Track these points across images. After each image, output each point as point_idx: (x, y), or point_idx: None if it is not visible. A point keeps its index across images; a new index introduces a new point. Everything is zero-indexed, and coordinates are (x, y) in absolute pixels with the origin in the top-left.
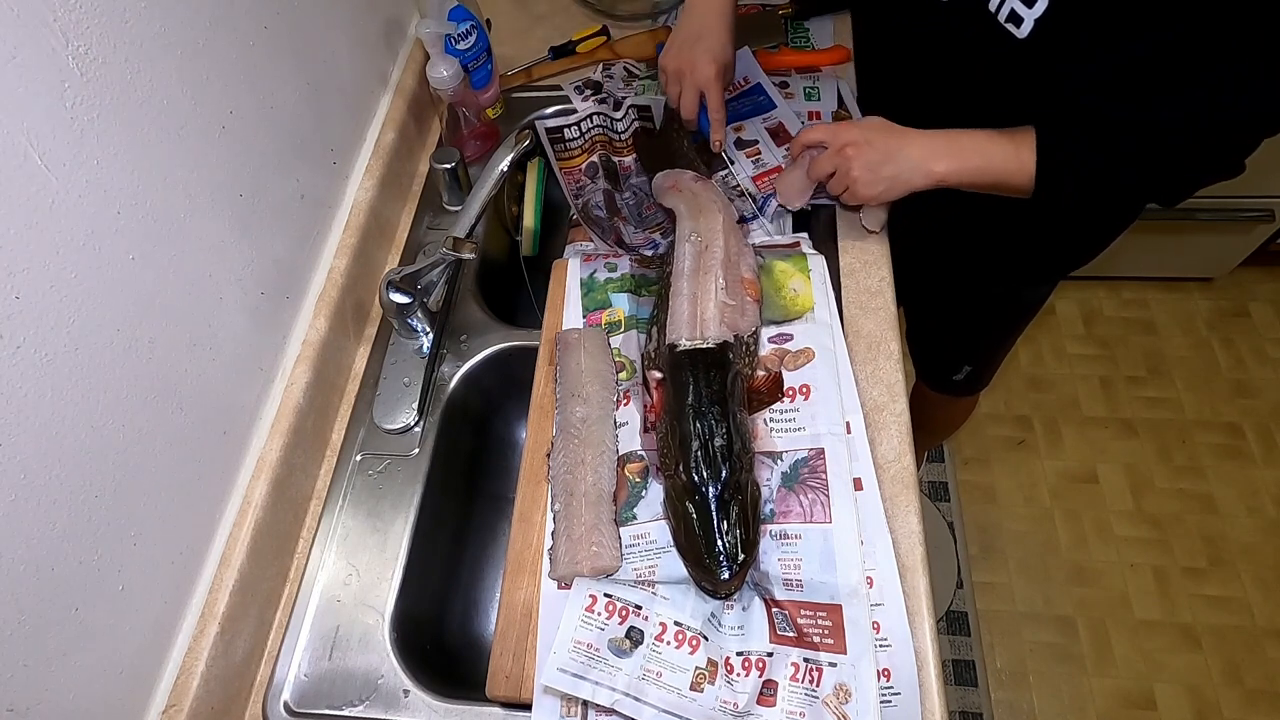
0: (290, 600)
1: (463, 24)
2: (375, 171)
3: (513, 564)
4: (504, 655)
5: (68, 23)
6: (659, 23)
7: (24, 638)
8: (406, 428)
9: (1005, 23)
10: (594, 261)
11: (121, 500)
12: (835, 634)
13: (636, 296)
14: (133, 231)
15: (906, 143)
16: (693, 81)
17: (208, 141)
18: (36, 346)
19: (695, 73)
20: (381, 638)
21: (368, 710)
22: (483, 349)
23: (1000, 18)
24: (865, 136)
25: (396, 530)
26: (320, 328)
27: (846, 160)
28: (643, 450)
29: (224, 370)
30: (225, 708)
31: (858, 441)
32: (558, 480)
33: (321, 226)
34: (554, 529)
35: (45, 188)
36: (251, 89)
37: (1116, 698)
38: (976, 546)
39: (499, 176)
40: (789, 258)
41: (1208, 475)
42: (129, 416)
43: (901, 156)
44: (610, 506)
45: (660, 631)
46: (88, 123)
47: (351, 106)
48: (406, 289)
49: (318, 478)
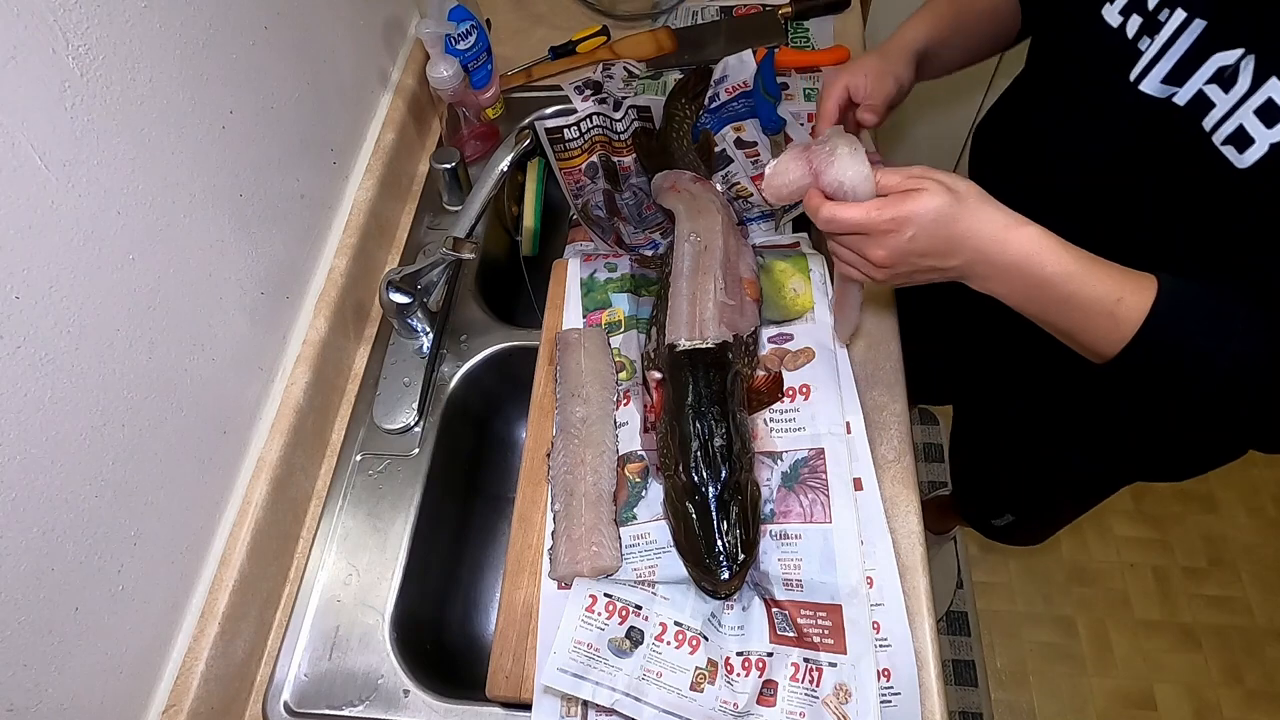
0: (290, 600)
1: (463, 24)
2: (375, 171)
3: (513, 564)
4: (504, 655)
5: (68, 23)
6: (659, 23)
7: (24, 638)
8: (406, 428)
9: (1223, 144)
10: (594, 261)
11: (121, 500)
12: (835, 634)
13: (636, 296)
14: (133, 231)
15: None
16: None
17: (208, 141)
18: (36, 346)
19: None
20: (381, 638)
21: (368, 710)
22: (483, 349)
23: (1216, 138)
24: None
25: (396, 530)
26: (320, 327)
27: (885, 236)
28: (643, 450)
29: (224, 370)
30: (225, 708)
31: (858, 441)
32: (558, 480)
33: (321, 226)
34: (554, 529)
35: (45, 188)
36: (251, 89)
37: (1116, 698)
38: (976, 546)
39: (499, 176)
40: (789, 258)
41: (1208, 475)
42: (129, 416)
43: (958, 252)
44: (610, 506)
45: (660, 631)
46: (88, 123)
47: (351, 106)
48: (406, 289)
49: (318, 478)
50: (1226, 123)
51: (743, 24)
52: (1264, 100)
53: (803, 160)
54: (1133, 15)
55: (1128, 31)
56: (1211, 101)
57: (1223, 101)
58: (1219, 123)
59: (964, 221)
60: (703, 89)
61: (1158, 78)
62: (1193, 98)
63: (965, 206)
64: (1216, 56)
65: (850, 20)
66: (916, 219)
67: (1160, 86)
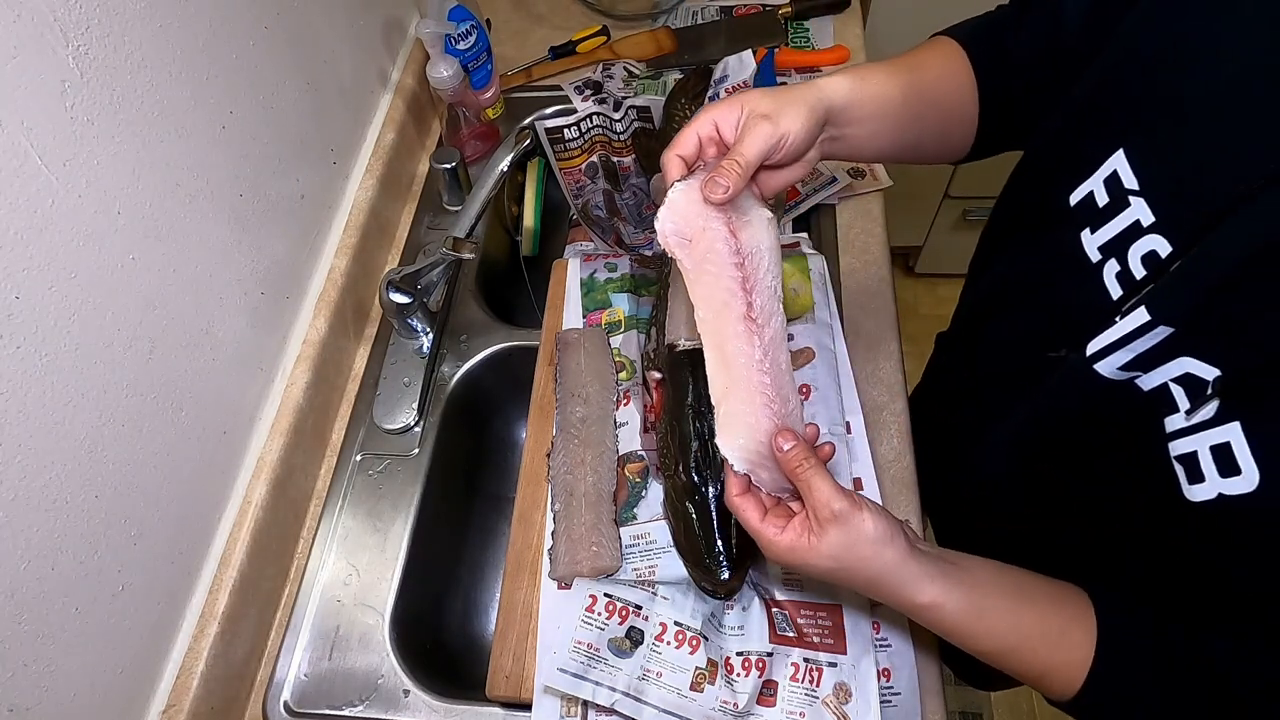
0: (290, 600)
1: (463, 24)
2: (375, 171)
3: (513, 564)
4: (504, 655)
5: (68, 23)
6: (659, 23)
7: (24, 638)
8: (406, 428)
9: (1176, 459)
10: (594, 261)
11: (121, 500)
12: (835, 634)
13: (636, 296)
14: (133, 231)
15: (890, 582)
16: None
17: (208, 141)
18: (36, 346)
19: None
20: (381, 638)
21: (368, 710)
22: (483, 349)
23: (1172, 449)
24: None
25: (396, 530)
26: (320, 328)
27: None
28: (643, 450)
29: (224, 370)
30: (225, 708)
31: (858, 441)
32: (558, 480)
33: (321, 226)
34: (554, 529)
35: (45, 188)
36: (251, 89)
37: None
38: None
39: (499, 176)
40: (789, 258)
41: None
42: (129, 416)
43: (870, 588)
44: (610, 506)
45: (660, 632)
46: (88, 123)
47: (351, 106)
48: (406, 289)
49: (318, 478)
50: (1183, 439)
51: (743, 24)
52: (1223, 442)
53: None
54: (1111, 259)
55: (1105, 278)
56: (1175, 404)
57: (1184, 411)
58: (1176, 433)
59: (894, 555)
60: (703, 89)
61: (1115, 364)
62: (1156, 389)
63: (889, 533)
64: (1186, 360)
65: (850, 20)
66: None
67: (1118, 373)
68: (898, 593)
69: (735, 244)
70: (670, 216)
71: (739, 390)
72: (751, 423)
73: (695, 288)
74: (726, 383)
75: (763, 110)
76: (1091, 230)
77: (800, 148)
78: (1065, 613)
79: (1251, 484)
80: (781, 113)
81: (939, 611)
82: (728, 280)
